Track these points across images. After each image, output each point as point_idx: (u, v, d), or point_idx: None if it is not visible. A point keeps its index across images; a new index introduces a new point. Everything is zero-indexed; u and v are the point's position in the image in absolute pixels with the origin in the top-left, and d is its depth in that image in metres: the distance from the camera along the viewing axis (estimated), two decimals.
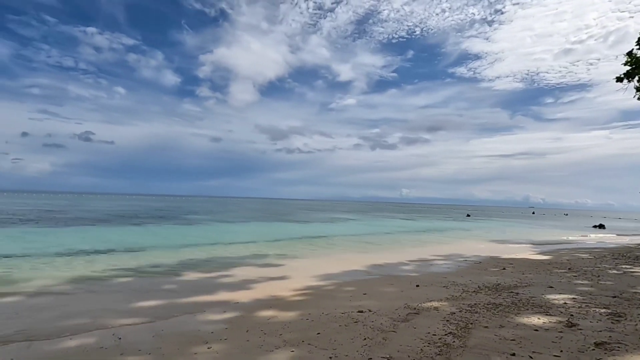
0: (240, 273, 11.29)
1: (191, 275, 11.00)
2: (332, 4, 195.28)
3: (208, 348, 4.96)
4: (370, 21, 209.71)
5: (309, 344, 5.06)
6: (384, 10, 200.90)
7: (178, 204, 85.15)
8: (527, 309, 6.82)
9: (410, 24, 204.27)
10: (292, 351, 4.81)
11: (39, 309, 7.19)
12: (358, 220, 46.01)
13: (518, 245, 21.82)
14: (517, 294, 8.27)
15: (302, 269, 12.11)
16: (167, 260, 13.34)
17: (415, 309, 6.93)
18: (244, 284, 9.64)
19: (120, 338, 5.36)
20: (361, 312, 6.69)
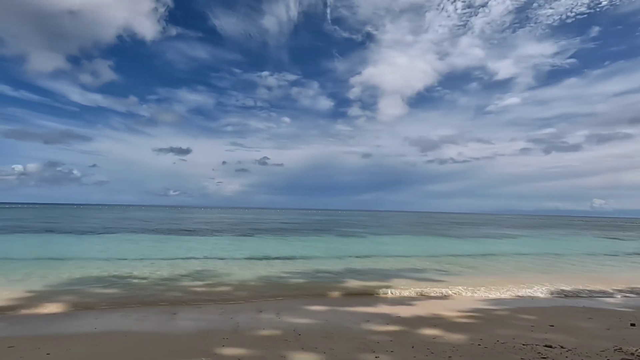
0: (399, 286, 11.23)
1: (352, 284, 11.65)
2: None
3: (376, 357, 5.11)
4: (535, 5, 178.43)
5: None
6: None
7: (334, 217, 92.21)
8: None
9: None
10: None
11: (240, 300, 9.00)
12: (530, 236, 39.06)
13: None
14: None
15: (466, 288, 11.08)
16: (329, 268, 14.56)
17: (633, 354, 5.31)
18: (403, 299, 9.55)
19: (300, 334, 6.14)
20: (549, 347, 5.58)
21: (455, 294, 10.27)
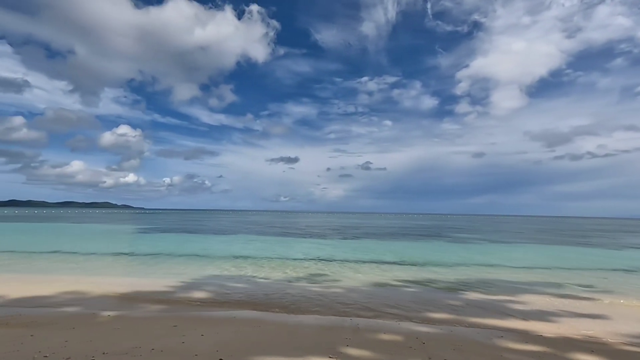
0: (532, 301, 9.79)
1: (472, 295, 10.62)
2: None
3: None
4: None
5: None
6: None
7: (443, 222, 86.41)
8: None
9: None
10: None
11: (356, 302, 9.09)
12: None
13: None
14: None
15: (627, 309, 8.98)
16: (443, 277, 13.60)
17: None
18: (541, 315, 8.25)
19: (424, 343, 5.83)
20: None
21: (611, 313, 8.40)
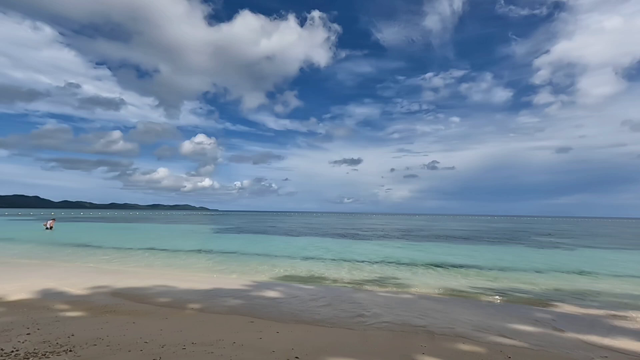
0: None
1: (565, 307, 9.46)
2: None
3: None
4: None
5: None
6: None
7: (522, 225, 78.60)
8: None
9: None
10: None
11: (429, 309, 8.68)
12: None
13: None
14: None
15: None
16: (528, 285, 12.33)
17: None
18: None
19: (509, 357, 5.34)
20: None
21: None
